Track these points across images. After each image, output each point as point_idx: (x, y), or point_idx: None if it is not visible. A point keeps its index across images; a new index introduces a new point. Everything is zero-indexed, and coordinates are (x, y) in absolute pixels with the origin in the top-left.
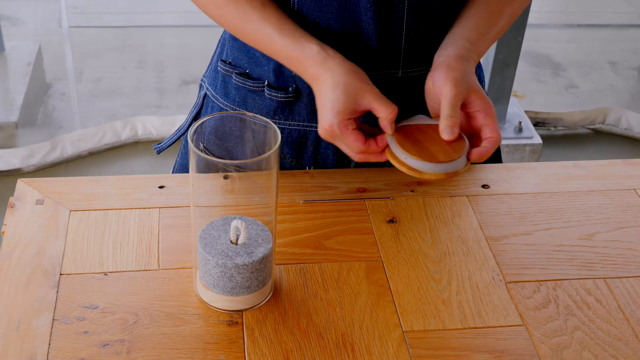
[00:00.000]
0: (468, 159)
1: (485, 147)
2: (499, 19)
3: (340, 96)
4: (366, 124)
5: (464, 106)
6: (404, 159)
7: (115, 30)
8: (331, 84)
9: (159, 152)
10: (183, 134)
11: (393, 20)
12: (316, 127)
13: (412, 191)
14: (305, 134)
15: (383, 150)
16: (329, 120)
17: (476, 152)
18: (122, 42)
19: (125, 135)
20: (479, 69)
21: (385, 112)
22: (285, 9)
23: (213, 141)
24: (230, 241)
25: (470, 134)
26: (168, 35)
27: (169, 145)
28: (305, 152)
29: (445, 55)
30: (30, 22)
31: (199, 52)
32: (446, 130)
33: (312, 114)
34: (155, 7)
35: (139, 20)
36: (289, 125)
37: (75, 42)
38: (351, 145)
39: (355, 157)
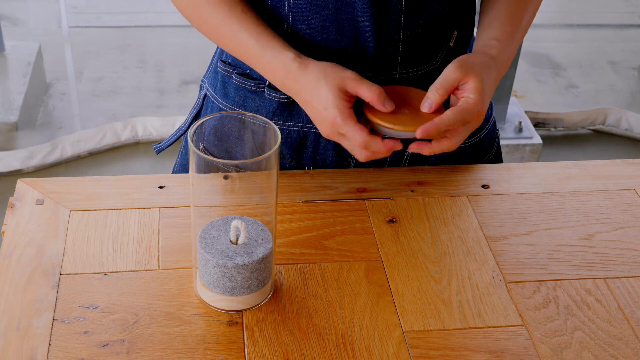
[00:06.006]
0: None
1: (432, 123)
2: (524, 15)
3: (327, 90)
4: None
5: (458, 89)
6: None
7: (115, 30)
8: (313, 82)
9: (158, 152)
10: (183, 134)
11: (390, 22)
12: (315, 127)
13: (412, 191)
14: (304, 135)
15: (388, 149)
16: (332, 114)
17: (422, 129)
18: (122, 42)
19: (125, 136)
20: None
21: (369, 94)
22: (279, 12)
23: (213, 141)
24: (230, 241)
25: None
26: (168, 35)
27: (169, 145)
28: (305, 153)
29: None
30: (30, 22)
31: (199, 52)
32: (425, 103)
33: None
34: (155, 7)
35: (139, 20)
36: (289, 126)
37: (75, 42)
38: (355, 136)
39: (361, 153)
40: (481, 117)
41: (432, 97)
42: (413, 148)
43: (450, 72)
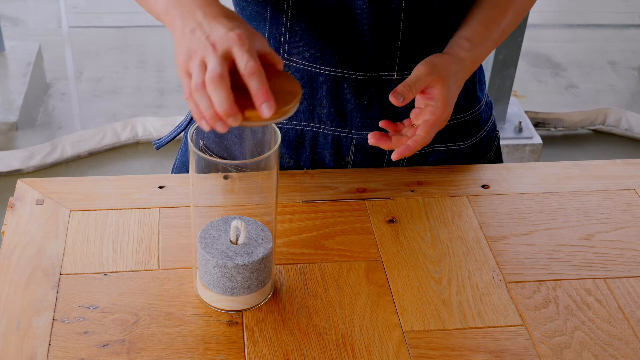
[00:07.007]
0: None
1: (407, 146)
2: (502, 19)
3: (241, 22)
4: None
5: (424, 93)
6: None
7: (115, 30)
8: (229, 11)
9: (158, 148)
10: (183, 131)
11: (389, 23)
12: (314, 126)
13: (412, 191)
14: (302, 134)
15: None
16: (238, 29)
17: (397, 153)
18: (122, 42)
19: (125, 136)
20: (479, 71)
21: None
22: (278, 8)
23: (212, 139)
24: (230, 241)
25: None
26: (168, 35)
27: (168, 142)
28: (303, 153)
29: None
30: (30, 22)
31: None
32: (394, 94)
33: (309, 114)
34: None
35: (139, 20)
36: (286, 124)
37: (75, 42)
38: (242, 56)
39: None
40: (447, 119)
41: (405, 93)
42: (396, 157)
43: (423, 75)
